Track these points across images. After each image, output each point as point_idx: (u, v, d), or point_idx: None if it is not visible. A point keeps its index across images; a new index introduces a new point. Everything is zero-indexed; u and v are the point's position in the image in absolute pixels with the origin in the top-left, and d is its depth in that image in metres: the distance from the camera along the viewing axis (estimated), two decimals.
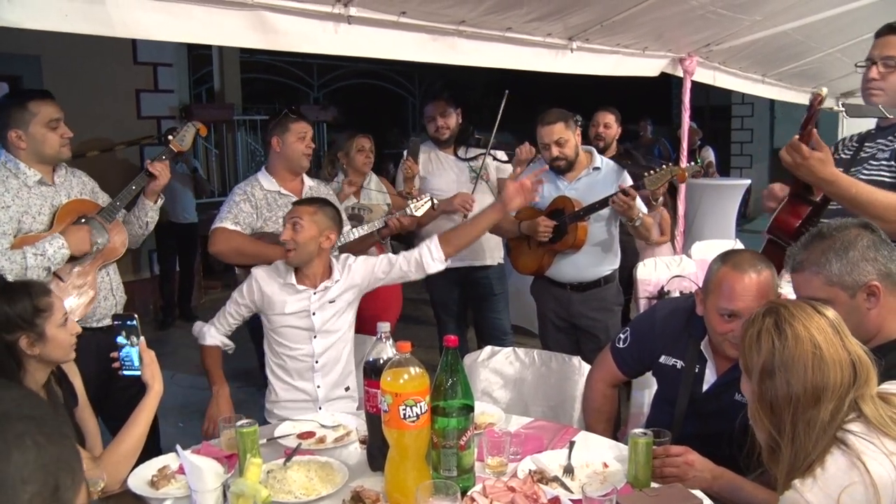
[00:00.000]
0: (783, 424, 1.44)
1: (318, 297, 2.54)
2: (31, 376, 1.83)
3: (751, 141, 12.34)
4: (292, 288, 2.53)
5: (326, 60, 11.06)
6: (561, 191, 3.31)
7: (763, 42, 4.42)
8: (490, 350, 2.74)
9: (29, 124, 2.45)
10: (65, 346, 1.89)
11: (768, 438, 1.48)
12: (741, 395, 2.01)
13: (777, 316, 1.48)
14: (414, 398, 1.59)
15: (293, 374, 2.57)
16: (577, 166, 3.32)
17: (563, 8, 3.23)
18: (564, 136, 3.21)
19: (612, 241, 3.36)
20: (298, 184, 3.11)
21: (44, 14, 1.93)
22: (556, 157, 3.24)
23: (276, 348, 2.59)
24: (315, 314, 2.54)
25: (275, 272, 2.58)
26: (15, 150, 2.45)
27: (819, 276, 1.71)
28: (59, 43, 4.94)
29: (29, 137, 2.45)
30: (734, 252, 2.06)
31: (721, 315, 1.95)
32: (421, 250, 2.59)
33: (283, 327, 2.56)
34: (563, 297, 3.38)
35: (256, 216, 2.96)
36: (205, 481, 1.61)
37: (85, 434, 2.00)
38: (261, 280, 2.57)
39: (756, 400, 1.50)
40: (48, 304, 1.84)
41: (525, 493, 1.64)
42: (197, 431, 2.55)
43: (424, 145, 3.94)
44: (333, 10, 2.56)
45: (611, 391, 2.38)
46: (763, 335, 1.48)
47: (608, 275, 3.37)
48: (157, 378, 1.98)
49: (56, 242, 2.37)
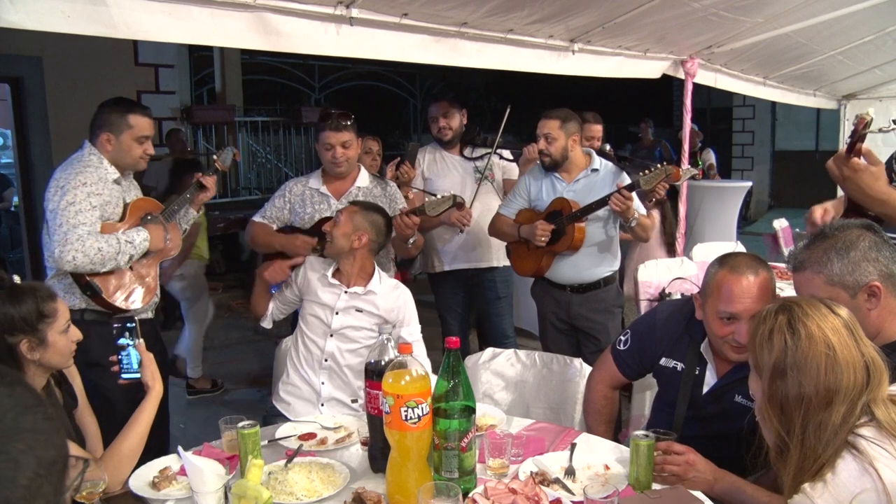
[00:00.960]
0: (793, 425, 1.41)
1: (347, 297, 2.57)
2: (30, 379, 1.81)
3: (752, 143, 12.35)
4: (327, 280, 2.61)
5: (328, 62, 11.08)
6: (559, 192, 3.31)
7: (765, 44, 4.42)
8: (491, 352, 2.74)
9: (122, 133, 2.62)
10: (64, 353, 1.88)
11: (777, 439, 1.46)
12: (741, 398, 2.01)
13: (790, 314, 1.45)
14: (416, 400, 1.58)
15: (304, 362, 2.61)
16: (575, 168, 3.31)
17: (564, 10, 3.23)
18: (554, 133, 3.23)
19: (611, 243, 3.36)
20: (345, 184, 3.15)
21: (46, 15, 1.93)
22: (541, 149, 3.29)
23: (300, 333, 2.65)
24: (338, 314, 2.56)
25: (322, 263, 2.69)
26: (101, 149, 2.61)
27: (820, 275, 1.70)
28: (61, 44, 4.96)
29: (118, 143, 2.62)
30: (731, 255, 2.04)
31: (721, 318, 1.95)
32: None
33: (310, 315, 2.62)
34: (563, 298, 3.38)
35: (288, 211, 3.14)
36: (206, 482, 1.61)
37: (85, 435, 1.99)
38: (308, 265, 2.69)
39: (766, 399, 1.48)
40: (53, 310, 1.83)
41: (526, 495, 1.63)
42: (198, 433, 2.56)
43: (430, 146, 3.94)
44: (335, 12, 2.57)
45: (612, 393, 2.38)
46: (775, 333, 1.45)
47: (608, 276, 3.36)
48: (157, 379, 1.98)
49: (142, 234, 2.57)
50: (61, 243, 2.37)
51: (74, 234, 2.38)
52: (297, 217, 3.12)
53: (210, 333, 5.05)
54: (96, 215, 2.48)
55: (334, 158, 3.05)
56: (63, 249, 2.36)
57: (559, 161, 3.28)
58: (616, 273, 3.43)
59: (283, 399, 2.62)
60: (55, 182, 2.50)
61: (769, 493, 1.74)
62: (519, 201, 3.44)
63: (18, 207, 6.47)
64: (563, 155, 3.26)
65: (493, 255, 3.85)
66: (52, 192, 2.48)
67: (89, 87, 5.76)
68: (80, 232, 2.39)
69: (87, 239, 2.39)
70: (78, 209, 2.43)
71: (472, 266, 3.82)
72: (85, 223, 2.43)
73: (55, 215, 2.42)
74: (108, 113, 2.63)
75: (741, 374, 2.01)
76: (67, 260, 2.36)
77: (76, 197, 2.44)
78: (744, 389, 2.01)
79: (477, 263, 3.83)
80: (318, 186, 3.13)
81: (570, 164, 3.30)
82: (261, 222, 3.15)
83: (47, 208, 2.48)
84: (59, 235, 2.38)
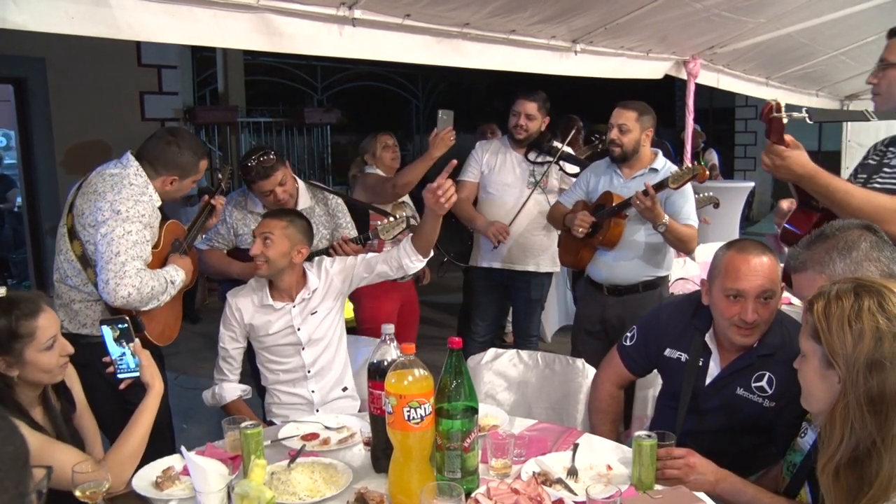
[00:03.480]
0: (888, 429, 1.22)
1: (298, 310, 2.52)
2: (22, 391, 1.80)
3: (754, 143, 12.32)
4: (270, 308, 2.51)
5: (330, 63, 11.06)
6: (614, 186, 3.25)
7: (767, 45, 4.42)
8: (494, 352, 2.74)
9: (188, 177, 2.54)
10: (49, 370, 1.81)
11: (859, 442, 1.25)
12: (743, 390, 2.03)
13: (879, 296, 1.27)
14: (418, 400, 1.58)
15: (287, 383, 2.59)
16: (639, 164, 3.25)
17: (567, 10, 3.23)
18: (630, 125, 3.17)
19: (655, 247, 3.22)
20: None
21: (49, 16, 1.93)
22: (612, 139, 3.22)
23: (268, 364, 2.59)
24: (300, 329, 2.52)
25: (249, 294, 2.55)
26: (159, 185, 2.48)
27: (822, 275, 1.70)
28: (64, 45, 4.96)
29: (178, 185, 2.53)
30: (739, 240, 2.12)
31: (727, 297, 1.97)
32: (400, 252, 2.53)
33: (272, 346, 2.55)
34: (599, 299, 3.31)
35: (233, 234, 3.01)
36: (209, 483, 1.61)
37: (84, 439, 1.99)
38: (240, 306, 2.53)
39: (851, 394, 1.26)
40: (29, 329, 1.75)
41: (529, 496, 1.63)
42: (201, 433, 2.56)
43: (498, 139, 3.90)
44: (338, 13, 2.57)
45: (617, 392, 2.38)
46: (864, 316, 1.26)
47: (648, 280, 3.24)
48: (157, 377, 1.97)
49: (180, 274, 2.47)
50: (118, 275, 2.24)
51: (133, 268, 2.26)
52: (242, 241, 2.98)
53: (212, 333, 5.05)
54: (148, 250, 2.37)
55: (278, 201, 2.89)
56: (120, 283, 2.24)
57: (629, 154, 3.21)
58: (660, 280, 3.31)
59: (278, 414, 2.61)
60: (108, 203, 2.33)
61: (771, 494, 1.74)
62: (578, 192, 3.42)
63: (21, 208, 6.48)
64: (635, 148, 3.20)
65: (532, 262, 3.81)
66: (107, 215, 2.32)
67: (92, 88, 5.79)
68: (137, 266, 2.28)
69: (143, 275, 2.29)
70: (135, 240, 2.31)
71: (509, 267, 3.81)
72: (141, 257, 2.32)
73: (110, 242, 2.27)
74: (179, 156, 2.49)
75: (744, 364, 2.03)
76: (122, 295, 2.24)
77: (134, 227, 2.32)
78: (745, 382, 2.02)
79: (514, 266, 3.81)
80: (258, 210, 2.97)
81: (636, 159, 3.24)
82: (210, 249, 2.99)
83: (98, 230, 2.31)
84: (116, 266, 2.25)
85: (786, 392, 1.92)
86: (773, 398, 1.99)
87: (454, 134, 3.17)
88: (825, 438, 1.33)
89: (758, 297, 1.94)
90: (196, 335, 5.88)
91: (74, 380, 2.04)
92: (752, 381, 2.02)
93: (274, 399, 2.62)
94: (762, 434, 2.06)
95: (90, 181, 2.45)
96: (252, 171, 2.85)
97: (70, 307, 2.44)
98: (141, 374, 1.96)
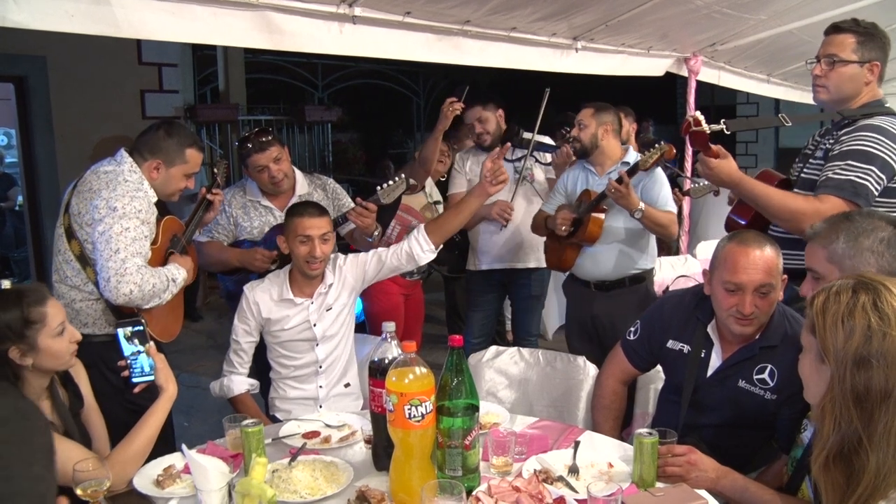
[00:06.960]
0: (873, 426, 1.22)
1: (315, 306, 2.53)
2: (30, 384, 1.80)
3: (756, 140, 12.29)
4: (290, 302, 2.52)
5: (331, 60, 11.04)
6: (590, 185, 3.27)
7: (768, 41, 4.42)
8: (495, 350, 2.74)
9: (175, 165, 2.50)
10: (61, 356, 1.83)
11: (845, 437, 1.26)
12: (745, 382, 2.03)
13: (876, 294, 1.26)
14: (419, 398, 1.59)
15: (297, 378, 2.60)
16: (608, 160, 3.26)
17: (567, 8, 3.23)
18: (586, 121, 3.23)
19: (639, 239, 3.22)
20: (287, 196, 3.01)
21: (50, 15, 1.93)
22: (573, 136, 3.29)
23: (280, 359, 2.60)
24: (316, 325, 2.54)
25: (268, 288, 2.56)
26: (146, 173, 2.47)
27: (824, 249, 1.72)
28: (65, 43, 4.96)
29: (166, 175, 2.50)
30: (740, 231, 2.12)
31: (726, 289, 1.98)
32: (410, 242, 2.54)
33: (287, 341, 2.56)
34: (587, 296, 3.31)
35: (234, 225, 3.00)
36: (210, 481, 1.61)
37: (91, 435, 1.98)
38: (257, 300, 2.54)
39: (837, 388, 1.27)
40: (40, 315, 1.77)
41: (530, 493, 1.64)
42: (202, 431, 2.55)
43: (472, 150, 3.89)
44: (338, 11, 2.57)
45: (621, 388, 2.38)
46: (857, 314, 1.25)
47: (635, 275, 3.25)
48: (171, 380, 1.97)
49: (181, 273, 2.46)
50: (119, 273, 2.22)
51: (133, 265, 2.24)
52: (243, 231, 2.99)
53: (213, 331, 5.06)
54: (147, 246, 2.35)
55: (272, 178, 2.90)
56: (121, 280, 2.22)
57: (588, 148, 3.24)
58: (647, 273, 3.30)
59: (281, 408, 2.61)
60: (104, 201, 2.31)
61: (772, 490, 1.74)
62: (558, 198, 3.42)
63: (23, 206, 6.48)
64: (593, 143, 3.23)
65: (532, 257, 3.80)
66: (104, 212, 2.30)
67: (93, 87, 5.78)
68: (138, 263, 2.27)
69: (145, 273, 2.27)
70: (134, 237, 2.29)
71: (511, 266, 3.80)
72: (141, 253, 2.30)
73: (109, 239, 2.25)
74: (164, 140, 2.47)
75: (745, 356, 2.03)
76: (123, 293, 2.22)
77: (132, 223, 2.30)
78: (747, 374, 2.03)
79: (515, 264, 3.80)
80: (258, 199, 3.00)
81: (601, 154, 3.26)
82: (209, 241, 2.98)
83: (96, 228, 2.29)
84: (116, 263, 2.23)
85: (787, 385, 1.92)
86: (774, 391, 1.99)
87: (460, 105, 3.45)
88: (818, 431, 1.35)
89: (756, 291, 1.95)
90: (197, 333, 5.90)
91: (82, 374, 2.03)
92: (754, 374, 2.02)
93: (279, 393, 2.63)
94: (764, 429, 2.06)
95: (85, 180, 2.44)
96: (249, 141, 2.89)
97: (71, 307, 2.43)
98: (155, 377, 1.96)
